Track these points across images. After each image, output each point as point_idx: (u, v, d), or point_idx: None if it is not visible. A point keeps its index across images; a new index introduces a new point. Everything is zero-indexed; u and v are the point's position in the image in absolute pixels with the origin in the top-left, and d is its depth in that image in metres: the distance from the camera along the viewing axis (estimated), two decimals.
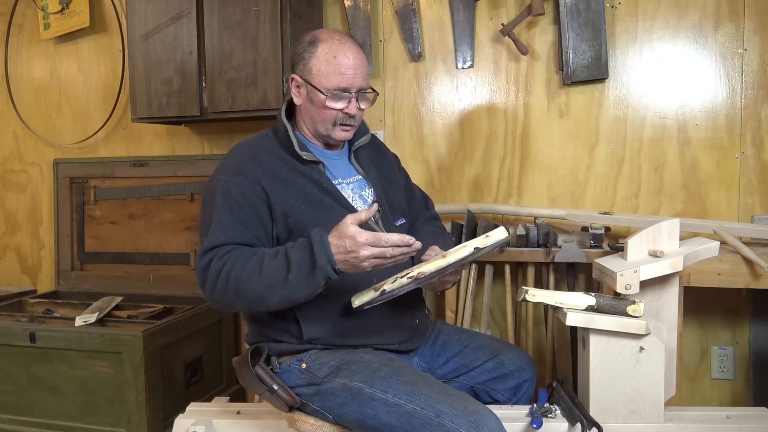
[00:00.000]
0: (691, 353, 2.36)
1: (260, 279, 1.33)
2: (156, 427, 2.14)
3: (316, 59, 1.49)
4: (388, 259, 1.30)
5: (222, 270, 1.35)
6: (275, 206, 1.45)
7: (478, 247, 1.38)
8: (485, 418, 1.28)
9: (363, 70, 1.51)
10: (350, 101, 1.50)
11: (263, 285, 1.33)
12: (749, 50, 2.24)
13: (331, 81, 1.48)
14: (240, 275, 1.34)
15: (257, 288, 1.33)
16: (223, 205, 1.43)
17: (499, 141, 2.47)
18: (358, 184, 1.60)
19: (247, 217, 1.43)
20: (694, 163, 2.30)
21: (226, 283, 1.35)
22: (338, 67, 1.47)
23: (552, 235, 2.23)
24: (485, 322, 2.39)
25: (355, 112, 1.51)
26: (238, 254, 1.37)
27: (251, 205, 1.43)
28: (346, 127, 1.54)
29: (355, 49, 1.51)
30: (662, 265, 1.48)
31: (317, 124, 1.54)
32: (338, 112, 1.50)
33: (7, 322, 2.35)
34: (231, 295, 1.36)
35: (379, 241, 1.28)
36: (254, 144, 1.55)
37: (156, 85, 2.45)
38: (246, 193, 1.43)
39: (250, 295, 1.34)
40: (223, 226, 1.41)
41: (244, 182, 1.44)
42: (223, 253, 1.38)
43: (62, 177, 2.87)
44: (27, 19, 2.97)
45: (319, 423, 1.46)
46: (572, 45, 2.31)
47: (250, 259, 1.36)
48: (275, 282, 1.32)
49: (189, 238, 2.72)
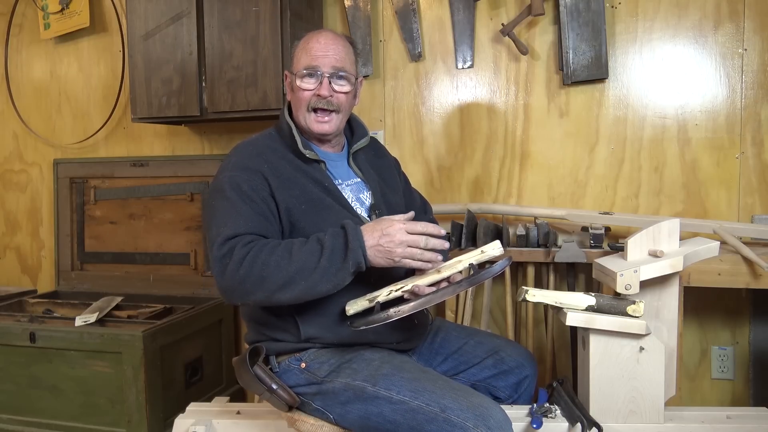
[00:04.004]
0: (691, 353, 2.36)
1: (290, 263, 1.32)
2: (156, 427, 2.14)
3: (296, 50, 1.57)
4: (421, 250, 1.32)
5: (248, 255, 1.33)
6: (280, 203, 1.45)
7: (472, 264, 1.38)
8: (491, 411, 1.28)
9: (336, 52, 1.52)
10: (322, 82, 1.51)
11: (294, 269, 1.32)
12: (749, 50, 2.24)
13: (301, 62, 1.53)
14: (268, 260, 1.32)
15: (287, 272, 1.32)
16: (237, 198, 1.42)
17: (499, 141, 2.47)
18: (356, 186, 1.60)
19: (262, 211, 1.43)
20: (694, 163, 2.30)
21: (251, 268, 1.32)
22: (309, 50, 1.52)
23: (552, 235, 2.23)
24: (485, 322, 2.39)
25: (326, 93, 1.51)
26: (264, 242, 1.36)
27: (263, 199, 1.44)
28: (320, 116, 1.53)
29: (331, 35, 1.54)
30: (662, 265, 1.48)
31: (299, 114, 1.55)
32: (311, 94, 1.52)
33: (7, 322, 2.35)
34: (253, 281, 1.33)
35: (416, 228, 1.31)
36: (258, 142, 1.55)
37: (156, 85, 2.45)
38: (256, 188, 1.44)
39: (278, 279, 1.32)
40: (243, 217, 1.40)
41: (252, 177, 1.45)
42: (247, 240, 1.36)
43: (62, 177, 2.87)
44: (27, 19, 2.97)
45: (319, 423, 1.45)
46: (572, 45, 2.31)
47: (278, 246, 1.35)
48: (306, 266, 1.32)
49: (189, 238, 2.72)
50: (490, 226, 2.26)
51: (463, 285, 1.37)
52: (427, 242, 1.33)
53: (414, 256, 1.33)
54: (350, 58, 1.57)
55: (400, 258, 1.32)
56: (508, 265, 1.41)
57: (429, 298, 1.35)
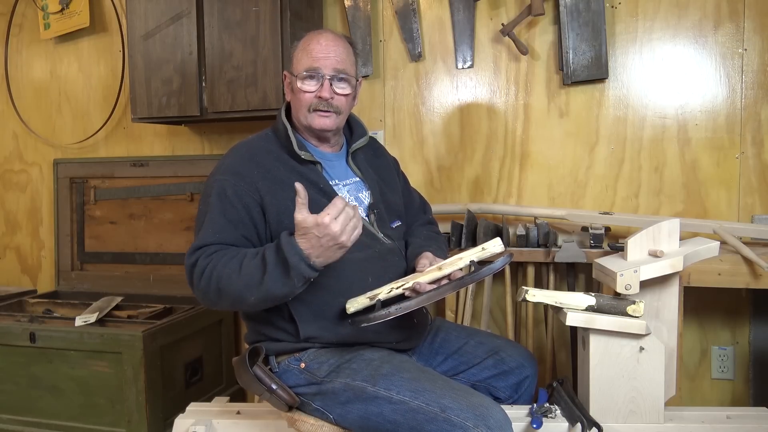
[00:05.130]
0: (691, 353, 2.36)
1: (239, 278, 1.33)
2: (156, 427, 2.14)
3: (296, 51, 1.56)
4: (353, 218, 1.27)
5: (206, 268, 1.37)
6: (270, 207, 1.45)
7: (473, 261, 1.38)
8: (491, 411, 1.28)
9: (337, 54, 1.52)
10: (323, 84, 1.51)
11: (241, 284, 1.33)
12: (749, 50, 2.24)
13: (302, 64, 1.52)
14: (221, 273, 1.35)
15: (236, 287, 1.34)
16: (216, 205, 1.44)
17: (499, 141, 2.47)
18: (355, 185, 1.61)
19: (239, 218, 1.43)
20: (694, 163, 2.30)
21: (209, 281, 1.36)
22: (310, 52, 1.52)
23: (552, 235, 2.23)
24: (485, 322, 2.39)
25: (327, 95, 1.51)
26: (223, 253, 1.38)
27: (245, 206, 1.44)
28: (323, 113, 1.53)
29: (331, 36, 1.54)
30: (662, 265, 1.48)
31: (298, 113, 1.55)
32: (312, 96, 1.52)
33: (7, 322, 2.35)
34: (214, 293, 1.37)
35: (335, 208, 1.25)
36: (253, 144, 1.55)
37: (156, 85, 2.45)
38: (240, 194, 1.44)
39: (230, 293, 1.35)
40: (215, 225, 1.42)
41: (239, 183, 1.45)
42: (210, 252, 1.39)
43: (62, 177, 2.87)
44: (27, 19, 2.97)
45: (319, 423, 1.45)
46: (572, 45, 2.31)
47: (232, 258, 1.36)
48: (252, 282, 1.32)
49: (189, 238, 2.72)
50: (490, 226, 2.26)
51: (464, 281, 1.37)
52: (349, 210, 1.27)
53: (357, 227, 1.29)
54: (351, 59, 1.57)
55: (348, 240, 1.28)
56: (509, 261, 1.41)
57: (430, 295, 1.36)
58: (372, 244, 1.52)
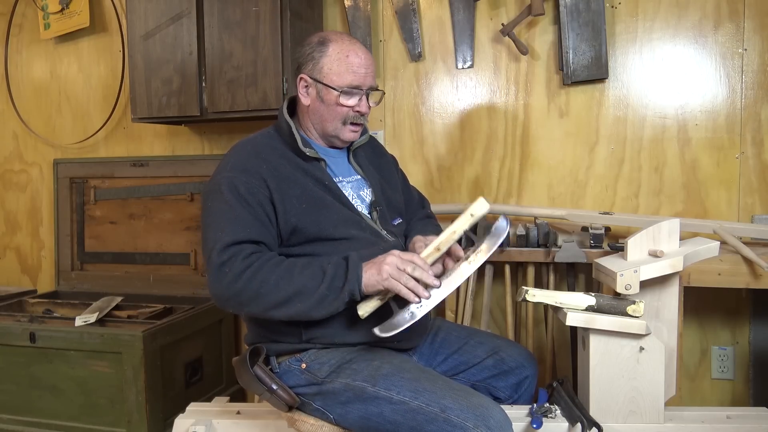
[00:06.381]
0: (691, 353, 2.36)
1: (290, 284, 1.33)
2: (156, 427, 2.14)
3: (327, 58, 1.51)
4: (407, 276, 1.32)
5: (248, 270, 1.34)
6: (278, 204, 1.44)
7: (466, 230, 1.38)
8: (491, 411, 1.29)
9: (372, 70, 1.55)
10: (361, 99, 1.53)
11: (293, 290, 1.33)
12: (749, 50, 2.24)
13: (344, 79, 1.50)
14: (268, 278, 1.34)
15: (285, 292, 1.33)
16: (234, 201, 1.41)
17: (499, 141, 2.47)
18: (357, 183, 1.61)
19: (260, 216, 1.42)
20: (694, 163, 2.30)
21: (249, 283, 1.34)
22: (351, 66, 1.50)
23: (552, 235, 2.23)
24: (485, 322, 2.39)
25: (366, 110, 1.55)
26: (267, 257, 1.37)
27: (260, 203, 1.43)
28: (354, 127, 1.56)
29: (365, 50, 1.56)
30: (662, 265, 1.48)
31: (326, 123, 1.54)
32: (350, 110, 1.53)
33: (7, 322, 2.35)
34: (249, 296, 1.35)
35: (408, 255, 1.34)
36: (257, 141, 1.54)
37: (156, 85, 2.45)
38: (254, 191, 1.43)
39: (275, 298, 1.34)
40: (241, 222, 1.40)
41: (250, 180, 1.43)
42: (248, 252, 1.37)
43: (62, 177, 2.87)
44: (27, 19, 2.97)
45: (319, 423, 1.45)
46: (572, 45, 2.31)
47: (280, 264, 1.36)
48: (306, 290, 1.33)
49: (189, 238, 2.72)
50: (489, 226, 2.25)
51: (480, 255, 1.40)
52: (414, 270, 1.32)
53: (400, 278, 1.32)
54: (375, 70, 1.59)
55: (388, 276, 1.32)
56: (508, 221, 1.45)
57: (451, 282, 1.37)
58: (376, 242, 1.52)
